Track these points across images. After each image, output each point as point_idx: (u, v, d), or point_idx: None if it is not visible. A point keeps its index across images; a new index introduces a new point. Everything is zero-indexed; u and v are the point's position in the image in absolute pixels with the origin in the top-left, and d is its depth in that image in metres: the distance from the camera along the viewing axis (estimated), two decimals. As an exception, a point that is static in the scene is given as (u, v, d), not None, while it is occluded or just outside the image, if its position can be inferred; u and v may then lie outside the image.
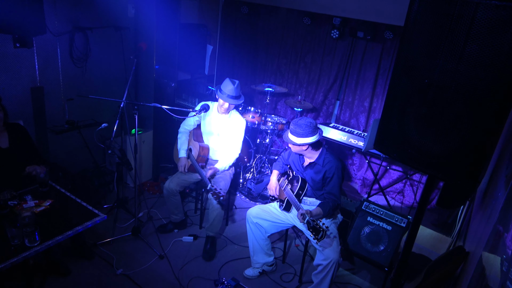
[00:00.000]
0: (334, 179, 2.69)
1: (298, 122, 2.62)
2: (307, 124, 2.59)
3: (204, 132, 3.42)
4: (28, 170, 2.68)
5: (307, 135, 2.59)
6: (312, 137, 2.60)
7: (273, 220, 2.93)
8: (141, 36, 4.20)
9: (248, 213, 2.98)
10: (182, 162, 3.34)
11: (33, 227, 2.02)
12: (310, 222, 2.39)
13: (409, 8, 1.38)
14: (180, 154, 3.39)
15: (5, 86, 3.24)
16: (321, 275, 2.60)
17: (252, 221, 2.93)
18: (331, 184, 2.70)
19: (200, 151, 3.31)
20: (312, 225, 2.38)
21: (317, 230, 2.35)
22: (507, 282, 1.22)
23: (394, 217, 2.97)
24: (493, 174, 2.12)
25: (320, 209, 2.59)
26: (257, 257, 3.04)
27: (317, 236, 2.34)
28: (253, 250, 3.03)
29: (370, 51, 4.35)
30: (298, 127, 2.59)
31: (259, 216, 2.92)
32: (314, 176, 2.77)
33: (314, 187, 2.80)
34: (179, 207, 3.47)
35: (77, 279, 2.81)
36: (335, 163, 2.69)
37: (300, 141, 2.61)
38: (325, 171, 2.70)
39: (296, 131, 2.61)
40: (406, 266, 1.74)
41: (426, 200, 1.60)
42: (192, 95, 4.53)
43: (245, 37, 5.21)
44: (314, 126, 2.62)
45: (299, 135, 2.60)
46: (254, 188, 4.28)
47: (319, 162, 2.73)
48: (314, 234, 2.36)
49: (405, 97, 1.43)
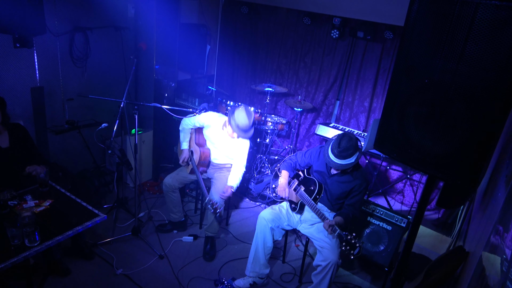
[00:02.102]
0: (360, 195, 2.67)
1: (341, 146, 2.51)
2: (350, 145, 2.50)
3: (206, 137, 3.36)
4: (28, 170, 2.68)
5: (353, 154, 2.52)
6: (357, 154, 2.54)
7: (281, 225, 2.86)
8: (141, 36, 4.20)
9: (261, 216, 2.85)
10: (183, 154, 3.30)
11: (33, 227, 2.02)
12: (343, 236, 2.31)
13: (409, 8, 1.38)
14: (182, 146, 3.35)
15: (5, 86, 3.23)
16: (320, 276, 2.59)
17: (267, 225, 2.81)
18: (356, 199, 2.67)
19: (201, 156, 3.24)
20: (345, 239, 2.29)
21: (352, 245, 2.25)
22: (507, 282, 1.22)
23: (394, 217, 2.97)
24: (493, 174, 2.12)
25: (342, 219, 2.53)
26: (255, 264, 2.88)
27: (353, 252, 2.24)
28: (254, 257, 2.87)
29: (370, 51, 4.35)
30: (344, 151, 2.50)
31: (274, 221, 2.82)
32: (341, 185, 2.69)
33: (333, 195, 2.73)
34: (178, 205, 3.45)
35: (77, 279, 2.81)
36: (366, 181, 2.68)
37: (349, 162, 2.53)
38: (355, 184, 2.65)
39: (343, 155, 2.52)
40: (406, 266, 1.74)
41: (426, 200, 1.60)
42: (192, 95, 4.53)
43: (245, 37, 5.21)
44: (356, 142, 2.54)
45: (346, 158, 2.52)
46: (254, 188, 4.27)
47: (351, 172, 2.68)
48: (349, 249, 2.26)
49: (405, 97, 1.43)
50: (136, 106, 3.03)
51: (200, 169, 3.25)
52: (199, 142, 3.36)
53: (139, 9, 4.13)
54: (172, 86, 4.52)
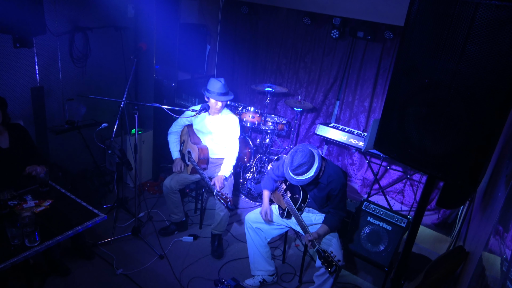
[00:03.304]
0: (339, 195, 2.61)
1: (294, 163, 2.44)
2: (303, 161, 2.43)
3: (198, 133, 3.41)
4: (28, 170, 2.69)
5: (309, 169, 2.44)
6: (315, 167, 2.44)
7: (274, 223, 2.87)
8: (141, 36, 4.19)
9: (246, 218, 2.91)
10: (177, 164, 3.36)
11: (33, 227, 2.02)
12: (321, 252, 2.33)
13: (409, 8, 1.38)
14: (174, 156, 3.40)
15: (5, 86, 3.24)
16: (323, 277, 2.57)
17: (251, 226, 2.86)
18: (337, 200, 2.63)
19: (200, 153, 3.27)
20: (323, 256, 2.31)
21: (329, 263, 2.28)
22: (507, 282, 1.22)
23: (394, 217, 2.97)
24: (493, 174, 2.12)
25: (326, 227, 2.54)
26: (258, 264, 2.93)
27: (330, 269, 2.26)
28: (253, 257, 2.92)
29: (370, 51, 4.35)
30: (298, 169, 2.44)
31: (258, 220, 2.85)
32: (317, 193, 2.67)
33: (317, 203, 2.73)
34: (179, 206, 3.46)
35: (77, 279, 2.81)
36: (339, 181, 2.57)
37: (307, 177, 2.45)
38: (330, 189, 2.60)
39: (298, 173, 2.45)
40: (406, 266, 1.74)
41: (426, 200, 1.60)
42: (192, 95, 4.53)
43: (245, 37, 5.21)
44: (310, 156, 2.45)
45: (303, 174, 2.45)
46: (254, 188, 4.27)
47: (322, 181, 2.60)
48: (326, 266, 2.28)
49: (405, 97, 1.43)
50: (136, 106, 3.03)
51: (201, 166, 3.26)
52: (194, 141, 3.38)
53: (139, 9, 4.13)
54: (172, 86, 4.52)
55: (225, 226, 3.32)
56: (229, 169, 3.24)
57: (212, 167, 3.41)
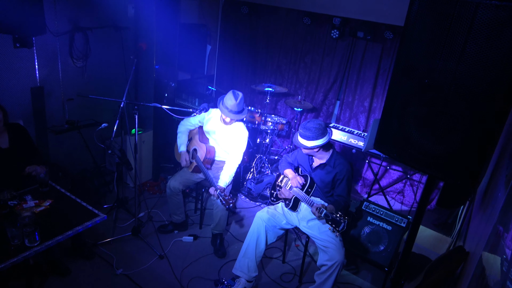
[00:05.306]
0: (344, 181, 2.69)
1: (307, 125, 2.62)
2: (316, 127, 2.59)
3: (207, 134, 3.39)
4: (28, 170, 2.69)
5: (317, 137, 2.60)
6: (322, 139, 2.61)
7: (279, 224, 2.86)
8: (141, 36, 4.19)
9: (257, 215, 2.87)
10: (184, 156, 3.28)
11: (33, 227, 2.02)
12: (329, 215, 2.37)
13: (409, 8, 1.38)
14: (180, 149, 3.33)
15: (5, 86, 3.23)
16: (324, 276, 2.58)
17: (262, 224, 2.82)
18: (341, 186, 2.70)
19: (207, 153, 3.24)
20: (331, 218, 2.35)
21: (337, 222, 2.32)
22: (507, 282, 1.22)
23: (394, 217, 2.97)
24: (493, 174, 2.12)
25: (333, 207, 2.56)
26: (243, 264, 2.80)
27: (338, 228, 2.30)
28: (244, 254, 2.82)
29: (370, 51, 4.35)
30: (308, 131, 2.60)
31: (270, 221, 2.83)
32: (324, 177, 2.75)
33: (323, 188, 2.79)
34: (181, 207, 3.46)
35: (77, 279, 2.81)
36: (346, 166, 2.70)
37: (311, 144, 2.61)
38: (336, 172, 2.70)
39: (306, 135, 2.61)
40: (406, 266, 1.74)
41: (426, 200, 1.61)
42: (192, 95, 4.53)
43: (245, 37, 5.21)
44: (324, 128, 2.62)
45: (310, 138, 2.61)
46: (254, 188, 4.27)
47: (330, 163, 2.73)
48: (334, 226, 2.32)
49: (405, 97, 1.43)
50: (136, 106, 3.03)
51: (205, 166, 3.25)
52: (202, 140, 3.37)
53: (139, 9, 4.13)
54: (172, 86, 4.52)
55: (224, 225, 3.31)
56: (227, 180, 3.11)
57: (215, 168, 3.41)
